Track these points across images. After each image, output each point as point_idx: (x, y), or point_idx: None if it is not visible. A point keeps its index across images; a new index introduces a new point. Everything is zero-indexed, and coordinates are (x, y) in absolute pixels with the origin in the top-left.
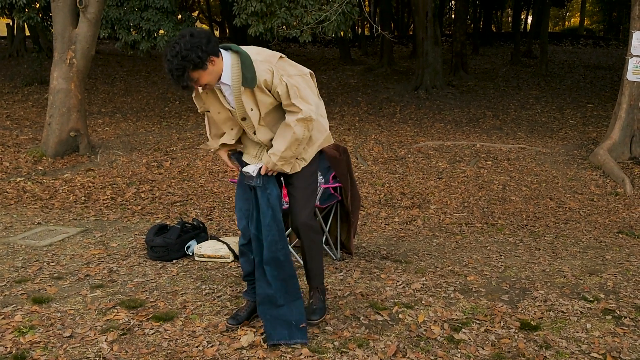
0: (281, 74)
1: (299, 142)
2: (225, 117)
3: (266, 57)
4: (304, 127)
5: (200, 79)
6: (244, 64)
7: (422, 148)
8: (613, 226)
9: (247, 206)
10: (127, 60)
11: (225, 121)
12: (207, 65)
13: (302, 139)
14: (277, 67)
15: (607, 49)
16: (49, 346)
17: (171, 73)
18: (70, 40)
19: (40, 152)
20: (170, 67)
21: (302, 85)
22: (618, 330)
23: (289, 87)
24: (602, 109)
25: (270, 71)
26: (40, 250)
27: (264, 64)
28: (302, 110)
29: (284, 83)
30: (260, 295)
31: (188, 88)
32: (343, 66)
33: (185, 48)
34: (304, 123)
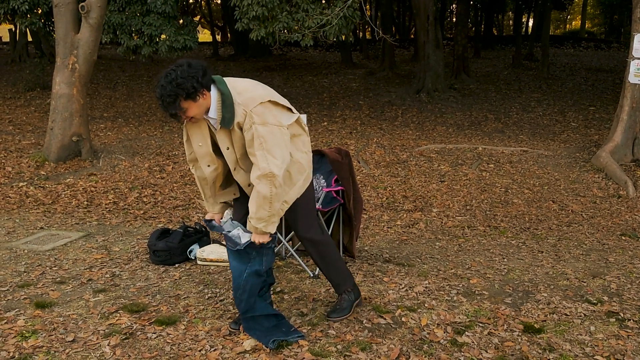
0: (254, 120)
1: (268, 200)
2: (205, 152)
3: (245, 100)
4: (268, 184)
5: (189, 110)
6: (224, 104)
7: (424, 151)
8: (616, 228)
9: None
10: (129, 65)
11: (205, 156)
12: (198, 98)
13: (272, 196)
14: (253, 111)
15: (609, 52)
16: (51, 350)
17: (162, 99)
18: (72, 46)
19: (42, 156)
20: (163, 92)
21: (270, 138)
22: (622, 332)
23: (255, 137)
24: (604, 112)
25: (244, 114)
26: (42, 255)
27: (241, 107)
28: (261, 166)
29: (251, 131)
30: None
31: (176, 117)
32: (344, 70)
33: (182, 76)
34: (266, 180)
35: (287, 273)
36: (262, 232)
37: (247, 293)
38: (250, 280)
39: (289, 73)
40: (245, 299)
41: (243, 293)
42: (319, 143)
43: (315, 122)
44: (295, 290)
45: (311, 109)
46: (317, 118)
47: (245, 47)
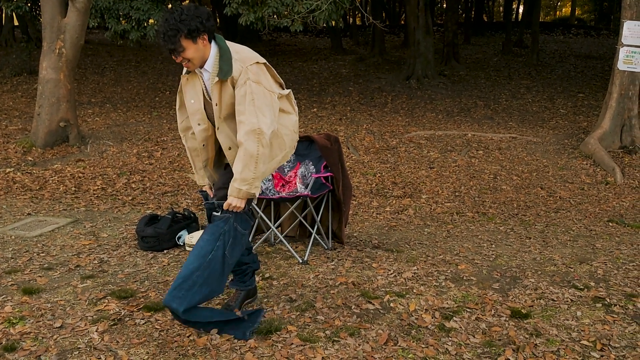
0: (248, 76)
1: (254, 159)
2: (197, 109)
3: (242, 57)
4: (256, 141)
5: (187, 50)
6: (222, 58)
7: (413, 138)
8: (603, 215)
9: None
10: (117, 49)
11: (195, 113)
12: (198, 40)
13: (259, 155)
14: (249, 69)
15: (598, 39)
16: (39, 337)
17: (164, 33)
18: (59, 30)
19: (29, 142)
20: (166, 26)
21: (262, 97)
22: (608, 317)
23: (247, 93)
24: (593, 99)
25: (239, 70)
26: (30, 241)
27: (238, 62)
28: (251, 121)
29: (244, 87)
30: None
31: (175, 52)
32: (334, 56)
33: (187, 14)
34: (254, 136)
35: (276, 259)
36: (243, 195)
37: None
38: (214, 263)
39: (278, 59)
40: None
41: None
42: (308, 129)
43: (305, 109)
44: (284, 276)
45: (301, 95)
46: (306, 104)
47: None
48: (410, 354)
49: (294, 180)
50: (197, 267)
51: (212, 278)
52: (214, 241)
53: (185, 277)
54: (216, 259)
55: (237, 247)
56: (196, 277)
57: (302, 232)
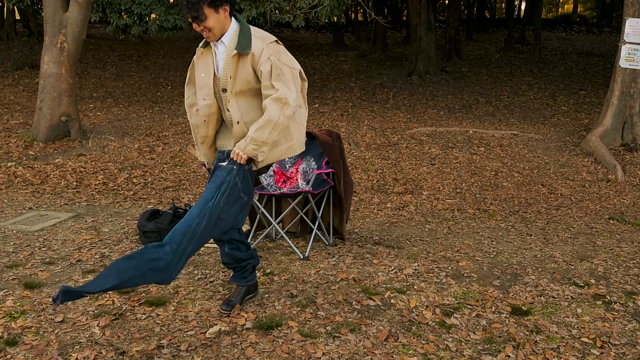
0: (271, 53)
1: (272, 124)
2: (205, 83)
3: (263, 36)
4: (279, 108)
5: (208, 19)
6: (242, 32)
7: (414, 134)
8: (604, 212)
9: None
10: (119, 44)
11: (203, 87)
12: (220, 10)
13: (277, 123)
14: (269, 47)
15: (600, 36)
16: (40, 331)
17: (188, 0)
18: (60, 24)
19: (31, 136)
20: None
21: (287, 73)
22: (608, 315)
23: (274, 68)
24: (595, 96)
25: (261, 48)
26: (31, 236)
27: (259, 40)
28: (280, 91)
29: (269, 62)
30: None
31: (197, 19)
32: (336, 52)
33: None
34: (279, 104)
35: (277, 255)
36: (249, 151)
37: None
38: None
39: None
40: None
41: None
42: (310, 125)
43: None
44: (285, 272)
45: None
46: (308, 100)
47: None
48: (411, 350)
49: (295, 176)
50: (197, 213)
51: (206, 230)
52: (215, 189)
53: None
54: (216, 207)
55: (232, 201)
56: (195, 224)
57: (303, 228)
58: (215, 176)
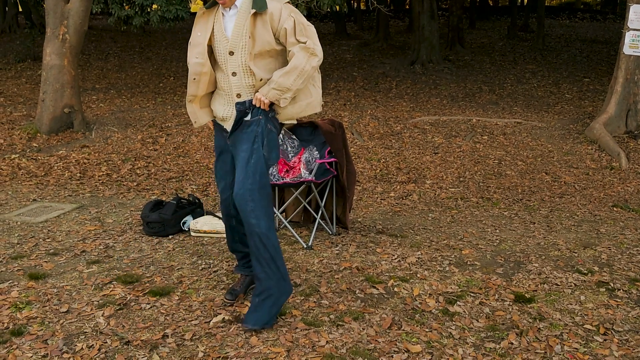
0: (290, 11)
1: (298, 71)
2: (200, 42)
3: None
4: (306, 57)
5: None
6: None
7: (418, 123)
8: (608, 200)
9: (225, 173)
10: (121, 35)
11: (197, 45)
12: None
13: (303, 70)
14: (287, 6)
15: (604, 23)
16: (45, 321)
17: None
18: (62, 16)
19: (34, 128)
20: None
21: (309, 28)
22: (611, 302)
23: (297, 23)
24: (599, 83)
25: (279, 8)
26: (35, 227)
27: (274, 1)
28: (308, 43)
29: (292, 18)
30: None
31: None
32: (339, 41)
33: None
34: (307, 52)
35: (280, 244)
36: (272, 96)
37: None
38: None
39: None
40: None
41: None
42: (312, 115)
43: None
44: (289, 261)
45: None
46: None
47: None
48: (414, 338)
49: (298, 166)
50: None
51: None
52: (250, 146)
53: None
54: (259, 159)
55: (273, 149)
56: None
57: (307, 217)
58: (245, 136)
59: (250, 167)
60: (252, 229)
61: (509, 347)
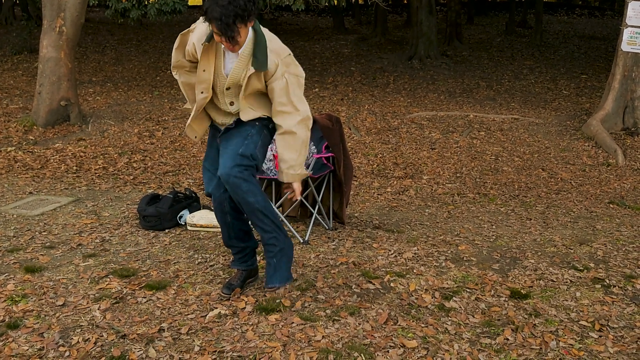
0: (285, 70)
1: (305, 144)
2: (206, 78)
3: (276, 48)
4: (305, 127)
5: (239, 34)
6: (257, 45)
7: (415, 118)
8: (604, 196)
9: (215, 167)
10: (118, 28)
11: (203, 82)
12: (248, 23)
13: (306, 139)
14: (283, 61)
15: (602, 19)
16: (41, 314)
17: (221, 19)
18: (59, 8)
19: (30, 121)
20: (223, 12)
21: (298, 87)
22: (607, 298)
23: (289, 84)
24: (596, 80)
25: (275, 64)
26: (32, 220)
27: (273, 54)
28: (300, 110)
29: (284, 79)
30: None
31: (232, 39)
32: (336, 35)
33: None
34: (304, 124)
35: None
36: (300, 177)
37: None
38: (250, 151)
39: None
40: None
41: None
42: (310, 109)
43: (307, 89)
44: None
45: None
46: (308, 84)
47: None
48: (410, 333)
49: None
50: (233, 158)
51: (253, 162)
52: (242, 140)
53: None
54: (249, 146)
55: (262, 148)
56: (240, 163)
57: (303, 212)
58: (239, 131)
59: (240, 152)
60: (252, 207)
61: (505, 342)
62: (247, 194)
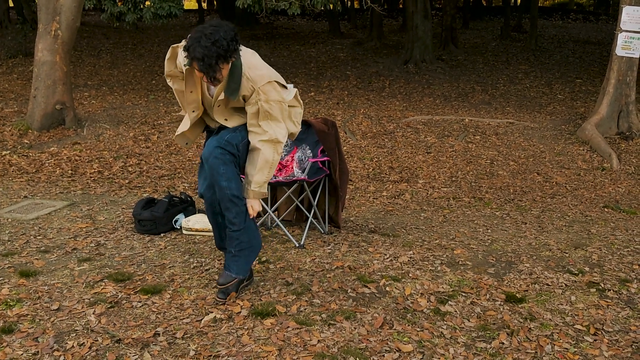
0: (260, 97)
1: (269, 165)
2: (195, 99)
3: (255, 77)
4: (273, 149)
5: (221, 73)
6: (231, 75)
7: (410, 122)
8: (599, 200)
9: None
10: (113, 32)
11: (193, 102)
12: (230, 60)
13: (273, 162)
14: (261, 89)
15: (597, 24)
16: (36, 319)
17: (203, 60)
18: (54, 12)
19: (25, 125)
20: (206, 53)
21: (274, 112)
22: (602, 302)
23: (261, 111)
24: (591, 84)
25: (250, 89)
26: (27, 224)
27: (250, 82)
28: (268, 132)
29: (256, 106)
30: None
31: (215, 79)
32: (332, 40)
33: (225, 38)
34: (272, 145)
35: (272, 243)
36: (257, 196)
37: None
38: (235, 141)
39: (275, 42)
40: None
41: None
42: (306, 113)
43: (302, 93)
44: (281, 260)
45: (298, 79)
46: (304, 88)
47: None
48: (406, 337)
49: (290, 165)
50: (218, 142)
51: (235, 151)
52: (231, 132)
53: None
54: (236, 137)
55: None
56: (223, 146)
57: (299, 216)
58: (231, 128)
59: (227, 138)
60: (224, 192)
61: (500, 346)
62: (222, 177)
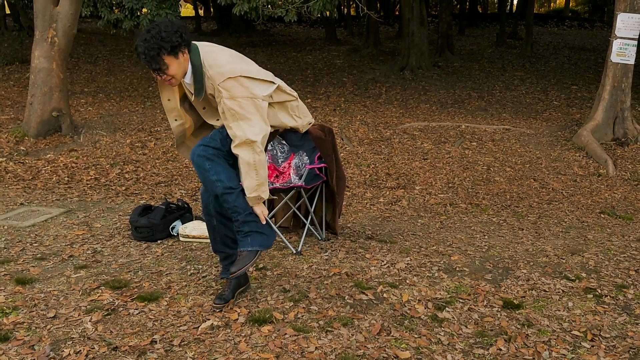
0: (222, 95)
1: (253, 167)
2: (173, 107)
3: (213, 74)
4: (249, 150)
5: (170, 67)
6: (194, 75)
7: (407, 129)
8: (595, 206)
9: None
10: (110, 39)
11: (172, 110)
12: (179, 55)
13: (256, 163)
14: (221, 86)
15: (592, 31)
16: (32, 327)
17: (146, 54)
18: (51, 19)
19: (22, 132)
20: (146, 46)
21: (241, 109)
22: (599, 308)
23: (225, 110)
24: (586, 91)
25: (211, 88)
26: (23, 231)
27: (209, 80)
28: (238, 135)
29: (221, 105)
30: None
31: (160, 71)
32: (329, 46)
33: (165, 30)
34: (246, 147)
35: (269, 250)
36: (255, 202)
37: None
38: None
39: (272, 49)
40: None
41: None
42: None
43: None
44: (278, 267)
45: (295, 86)
46: (300, 95)
47: (228, 22)
48: (403, 344)
49: (287, 171)
50: (205, 140)
51: (222, 146)
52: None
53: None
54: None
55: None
56: (208, 143)
57: (296, 222)
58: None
59: (210, 136)
60: (215, 186)
61: (498, 353)
62: (209, 172)
